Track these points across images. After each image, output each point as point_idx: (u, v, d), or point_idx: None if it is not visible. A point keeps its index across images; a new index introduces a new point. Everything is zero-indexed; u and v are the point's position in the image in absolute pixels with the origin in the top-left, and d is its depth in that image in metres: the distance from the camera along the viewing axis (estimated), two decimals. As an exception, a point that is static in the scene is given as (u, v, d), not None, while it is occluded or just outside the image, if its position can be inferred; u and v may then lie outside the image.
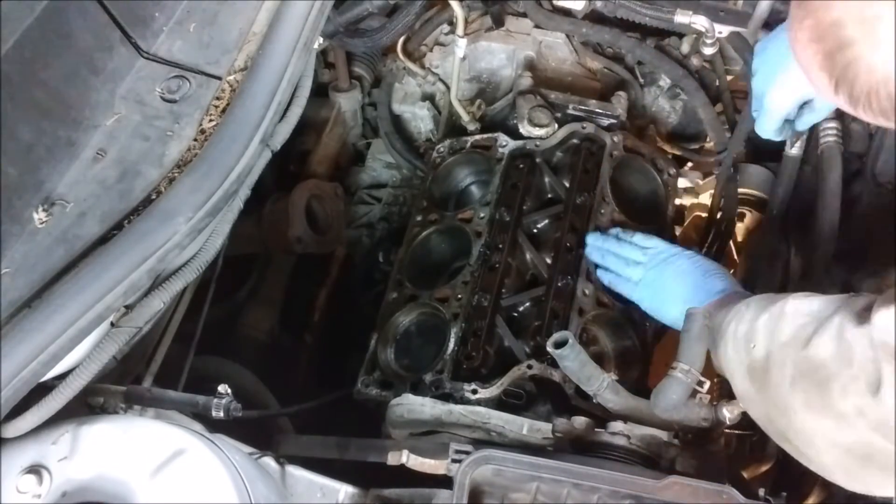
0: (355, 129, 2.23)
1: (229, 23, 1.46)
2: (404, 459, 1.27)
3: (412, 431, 1.45)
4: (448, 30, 2.12)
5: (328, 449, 1.44)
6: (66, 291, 1.13)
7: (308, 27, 1.41)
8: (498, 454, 1.22)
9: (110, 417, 1.20)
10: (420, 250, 1.78)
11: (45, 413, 1.14)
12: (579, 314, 1.57)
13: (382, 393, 1.56)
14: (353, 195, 2.20)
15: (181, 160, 1.29)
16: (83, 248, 1.20)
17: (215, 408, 1.27)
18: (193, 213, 1.21)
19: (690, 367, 1.30)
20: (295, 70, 1.39)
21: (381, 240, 2.12)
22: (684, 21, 1.85)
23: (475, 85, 2.13)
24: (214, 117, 1.34)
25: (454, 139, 1.93)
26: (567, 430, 1.35)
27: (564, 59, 2.07)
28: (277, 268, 2.03)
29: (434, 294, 1.66)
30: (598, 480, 1.20)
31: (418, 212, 1.83)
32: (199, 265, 1.28)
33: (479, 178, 1.89)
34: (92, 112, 1.33)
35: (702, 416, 1.33)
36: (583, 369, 1.35)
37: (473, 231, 1.72)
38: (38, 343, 1.09)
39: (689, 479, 1.22)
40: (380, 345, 1.64)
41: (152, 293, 1.23)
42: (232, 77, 1.39)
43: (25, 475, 1.10)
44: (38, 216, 1.22)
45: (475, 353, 1.54)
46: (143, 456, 1.11)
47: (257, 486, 1.15)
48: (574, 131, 1.82)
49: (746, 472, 1.54)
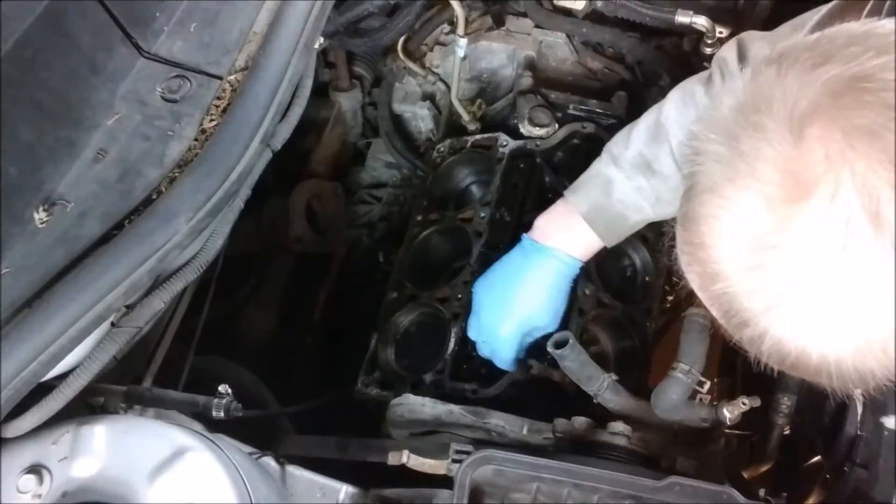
0: (355, 128, 2.23)
1: (230, 23, 1.45)
2: (404, 459, 1.27)
3: (412, 431, 1.45)
4: (448, 29, 2.12)
5: (328, 449, 1.44)
6: (66, 291, 1.13)
7: (309, 27, 1.41)
8: (498, 454, 1.22)
9: (110, 417, 1.20)
10: (420, 250, 1.78)
11: (45, 413, 1.14)
12: (579, 314, 1.57)
13: (382, 393, 1.56)
14: (353, 195, 2.20)
15: (182, 160, 1.29)
16: (84, 248, 1.19)
17: (215, 408, 1.27)
18: (194, 213, 1.20)
19: (690, 368, 1.30)
20: (296, 70, 1.38)
21: (381, 240, 2.12)
22: (685, 21, 1.85)
23: (475, 85, 2.13)
24: (215, 117, 1.34)
25: (454, 139, 1.93)
26: (567, 430, 1.35)
27: (565, 59, 2.07)
28: (277, 268, 2.03)
29: (434, 294, 1.66)
30: (599, 481, 1.20)
31: (418, 212, 1.83)
32: (199, 265, 1.28)
33: (480, 177, 1.89)
34: (92, 112, 1.33)
35: (702, 416, 1.33)
36: (583, 369, 1.35)
37: (474, 231, 1.72)
38: (39, 343, 1.09)
39: (689, 480, 1.22)
40: (380, 345, 1.64)
41: (153, 293, 1.23)
42: (233, 77, 1.39)
43: (26, 475, 1.10)
44: (39, 216, 1.22)
45: (475, 353, 1.54)
46: (144, 456, 1.11)
47: (257, 486, 1.15)
48: (575, 131, 1.82)
49: (746, 472, 1.54)
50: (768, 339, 0.81)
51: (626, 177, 1.39)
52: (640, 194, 1.39)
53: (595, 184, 1.43)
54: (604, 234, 1.44)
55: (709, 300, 0.87)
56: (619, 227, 1.44)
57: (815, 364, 0.80)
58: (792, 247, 0.76)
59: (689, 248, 0.86)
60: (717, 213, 0.81)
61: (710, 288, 0.84)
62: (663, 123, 1.38)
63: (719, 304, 0.85)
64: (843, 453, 1.42)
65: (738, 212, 0.79)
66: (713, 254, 0.82)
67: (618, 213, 1.41)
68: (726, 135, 0.81)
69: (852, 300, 0.75)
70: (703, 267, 0.84)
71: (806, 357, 0.80)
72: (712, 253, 0.82)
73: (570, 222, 1.45)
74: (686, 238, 0.87)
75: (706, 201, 0.82)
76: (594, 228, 1.43)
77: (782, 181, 0.75)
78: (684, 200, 0.88)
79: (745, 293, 0.80)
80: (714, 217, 0.81)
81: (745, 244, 0.79)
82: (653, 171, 1.37)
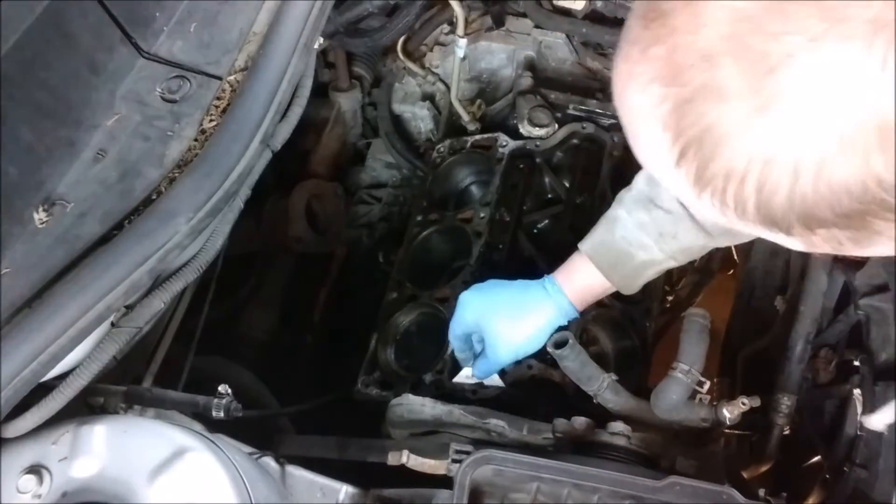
0: (355, 128, 2.23)
1: (230, 23, 1.45)
2: (404, 459, 1.27)
3: (412, 431, 1.45)
4: (448, 30, 2.12)
5: (328, 449, 1.45)
6: (66, 291, 1.13)
7: (309, 27, 1.41)
8: (498, 454, 1.22)
9: (110, 417, 1.20)
10: (420, 250, 1.78)
11: (45, 413, 1.14)
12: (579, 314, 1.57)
13: (382, 393, 1.56)
14: (353, 195, 2.20)
15: (182, 160, 1.29)
16: (84, 248, 1.19)
17: (215, 408, 1.27)
18: (194, 213, 1.20)
19: (690, 368, 1.30)
20: (295, 70, 1.38)
21: (381, 240, 2.12)
22: (684, 21, 1.85)
23: (475, 85, 2.13)
24: (215, 117, 1.34)
25: (454, 139, 1.93)
26: (567, 430, 1.35)
27: (564, 59, 2.07)
28: (277, 268, 2.03)
29: (434, 294, 1.66)
30: (599, 481, 1.20)
31: (418, 212, 1.83)
32: (199, 265, 1.28)
33: (480, 178, 1.89)
34: (92, 112, 1.33)
35: (702, 416, 1.33)
36: (583, 369, 1.35)
37: (473, 231, 1.72)
38: (39, 343, 1.09)
39: (689, 480, 1.22)
40: (380, 345, 1.64)
41: (153, 293, 1.23)
42: (232, 77, 1.39)
43: (26, 475, 1.09)
44: (39, 216, 1.22)
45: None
46: (144, 456, 1.11)
47: (257, 486, 1.15)
48: (574, 131, 1.82)
49: (746, 472, 1.54)
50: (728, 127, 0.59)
51: (628, 212, 1.35)
52: (642, 230, 1.34)
53: (601, 224, 1.39)
54: (609, 272, 1.38)
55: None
56: (625, 265, 1.37)
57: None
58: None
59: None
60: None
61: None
62: None
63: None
64: (843, 453, 1.42)
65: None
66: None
67: (621, 249, 1.36)
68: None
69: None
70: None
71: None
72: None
73: (574, 265, 1.41)
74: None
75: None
76: (598, 266, 1.37)
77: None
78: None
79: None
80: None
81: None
82: (654, 205, 1.33)
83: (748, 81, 0.57)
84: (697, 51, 0.59)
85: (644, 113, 0.63)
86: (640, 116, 0.64)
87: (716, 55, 0.58)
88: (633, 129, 0.67)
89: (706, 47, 0.58)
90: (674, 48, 0.60)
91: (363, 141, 2.27)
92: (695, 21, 0.59)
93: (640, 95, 0.63)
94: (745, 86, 0.57)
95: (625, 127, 0.69)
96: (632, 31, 0.65)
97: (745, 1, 0.57)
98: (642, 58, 0.62)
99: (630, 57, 0.64)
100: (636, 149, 0.69)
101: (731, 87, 0.58)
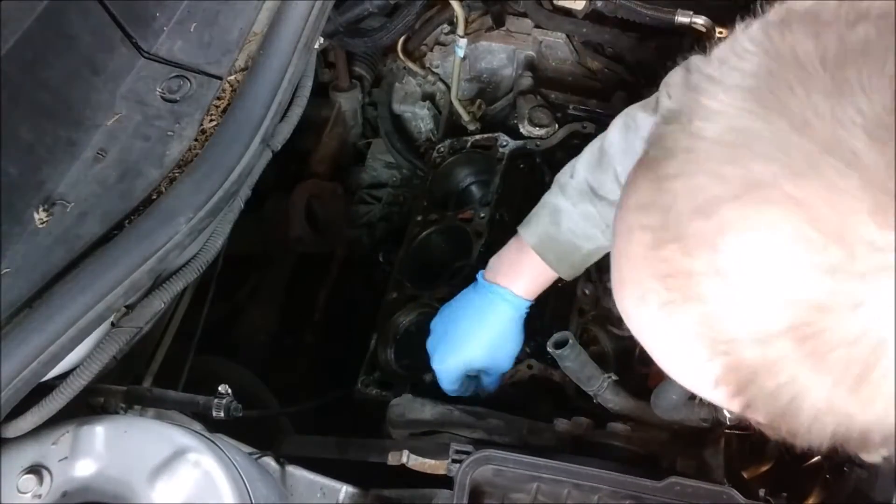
0: (355, 128, 2.23)
1: (230, 23, 1.45)
2: (404, 459, 1.27)
3: (412, 431, 1.45)
4: (448, 29, 2.12)
5: (328, 449, 1.44)
6: (66, 291, 1.13)
7: (309, 27, 1.41)
8: (498, 454, 1.22)
9: (110, 417, 1.20)
10: (420, 250, 1.78)
11: (45, 413, 1.14)
12: (579, 314, 1.57)
13: (382, 393, 1.56)
14: (353, 195, 2.20)
15: (182, 160, 1.29)
16: (84, 248, 1.19)
17: (215, 408, 1.27)
18: (194, 213, 1.20)
19: (691, 368, 1.30)
20: (296, 70, 1.38)
21: (381, 240, 2.12)
22: (685, 21, 1.85)
23: (475, 85, 2.13)
24: (215, 117, 1.34)
25: (454, 139, 1.93)
26: (567, 430, 1.35)
27: (565, 59, 2.07)
28: (277, 268, 2.03)
29: (434, 294, 1.66)
30: (599, 481, 1.20)
31: (418, 212, 1.83)
32: (199, 265, 1.28)
33: (480, 177, 1.90)
34: (93, 112, 1.33)
35: (702, 416, 1.33)
36: (583, 369, 1.35)
37: (474, 231, 1.72)
38: (39, 343, 1.09)
39: (689, 480, 1.22)
40: (380, 345, 1.64)
41: (153, 293, 1.23)
42: (233, 77, 1.39)
43: (26, 475, 1.10)
44: (39, 216, 1.22)
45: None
46: (144, 456, 1.11)
47: (257, 487, 1.15)
48: (575, 131, 1.82)
49: (746, 472, 1.54)
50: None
51: (573, 204, 1.36)
52: (589, 222, 1.35)
53: (543, 214, 1.40)
54: (556, 265, 1.40)
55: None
56: (572, 256, 1.39)
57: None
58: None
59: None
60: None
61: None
62: (607, 150, 1.35)
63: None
64: (844, 453, 1.42)
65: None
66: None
67: (568, 241, 1.37)
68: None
69: None
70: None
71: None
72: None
73: (520, 258, 1.41)
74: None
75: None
76: (546, 260, 1.39)
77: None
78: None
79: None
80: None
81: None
82: (599, 196, 1.34)
83: None
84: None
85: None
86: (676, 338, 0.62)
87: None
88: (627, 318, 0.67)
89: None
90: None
91: (363, 141, 2.27)
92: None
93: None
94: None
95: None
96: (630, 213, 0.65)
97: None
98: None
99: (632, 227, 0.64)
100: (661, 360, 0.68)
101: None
